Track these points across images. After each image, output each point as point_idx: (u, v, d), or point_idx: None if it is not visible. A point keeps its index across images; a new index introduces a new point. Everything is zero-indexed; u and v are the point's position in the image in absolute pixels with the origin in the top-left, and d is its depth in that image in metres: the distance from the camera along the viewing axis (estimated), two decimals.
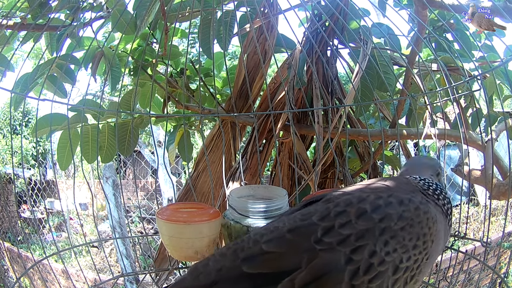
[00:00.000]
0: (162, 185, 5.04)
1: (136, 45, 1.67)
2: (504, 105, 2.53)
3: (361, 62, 1.34)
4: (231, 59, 5.03)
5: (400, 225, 0.58)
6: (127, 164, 7.63)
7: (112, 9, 1.37)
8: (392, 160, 1.86)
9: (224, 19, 1.41)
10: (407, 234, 0.58)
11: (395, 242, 0.57)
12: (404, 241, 0.58)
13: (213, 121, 1.97)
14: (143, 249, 4.16)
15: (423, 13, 1.40)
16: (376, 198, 0.61)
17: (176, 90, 1.76)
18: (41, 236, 6.25)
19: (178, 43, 3.08)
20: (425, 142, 4.30)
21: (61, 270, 4.02)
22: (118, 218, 4.29)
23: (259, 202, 0.89)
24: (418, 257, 0.59)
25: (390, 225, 0.57)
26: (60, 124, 1.43)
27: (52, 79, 1.39)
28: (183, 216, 0.91)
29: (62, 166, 1.50)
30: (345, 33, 1.45)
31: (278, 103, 1.51)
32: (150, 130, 2.76)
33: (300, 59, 1.42)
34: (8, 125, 8.18)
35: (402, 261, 0.57)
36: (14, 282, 0.97)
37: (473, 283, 3.38)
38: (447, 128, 1.59)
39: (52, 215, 7.35)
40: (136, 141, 1.56)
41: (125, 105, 1.51)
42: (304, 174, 1.35)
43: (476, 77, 1.10)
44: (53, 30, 1.41)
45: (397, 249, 0.57)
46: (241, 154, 1.49)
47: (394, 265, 0.56)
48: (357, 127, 1.58)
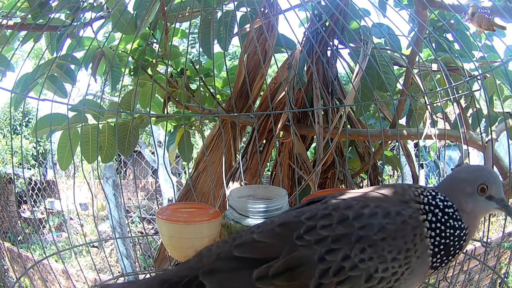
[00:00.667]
0: (163, 185, 5.04)
1: (136, 45, 1.67)
2: (504, 105, 2.53)
3: (361, 62, 1.34)
4: (231, 59, 5.03)
5: (381, 235, 0.59)
6: (127, 164, 7.63)
7: (112, 9, 1.37)
8: (392, 161, 1.86)
9: (224, 19, 1.41)
10: (387, 246, 0.59)
11: (373, 251, 0.58)
12: (383, 252, 0.59)
13: (213, 121, 1.97)
14: (143, 249, 4.16)
15: (423, 13, 1.39)
16: (362, 207, 0.62)
17: (176, 90, 1.76)
18: (41, 236, 6.24)
19: (178, 43, 3.08)
20: (425, 143, 4.29)
21: (61, 270, 4.02)
22: (118, 218, 4.29)
23: (259, 202, 0.89)
24: (397, 270, 0.59)
25: (369, 234, 0.59)
26: (60, 124, 1.43)
27: (52, 79, 1.39)
28: (183, 216, 0.91)
29: (62, 166, 1.50)
30: (345, 33, 1.45)
31: (278, 103, 1.51)
32: (150, 130, 2.76)
33: (300, 59, 1.41)
34: (8, 125, 8.18)
35: (378, 271, 0.58)
36: (14, 282, 0.97)
37: (473, 283, 3.38)
38: (447, 128, 1.59)
39: (52, 215, 7.35)
40: (136, 141, 1.56)
41: (125, 105, 1.51)
42: (304, 174, 1.35)
43: (476, 77, 1.10)
44: (53, 30, 1.41)
45: (374, 258, 0.58)
46: (241, 154, 1.49)
47: (368, 273, 0.58)
48: (357, 127, 1.58)
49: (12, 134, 2.16)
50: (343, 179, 1.46)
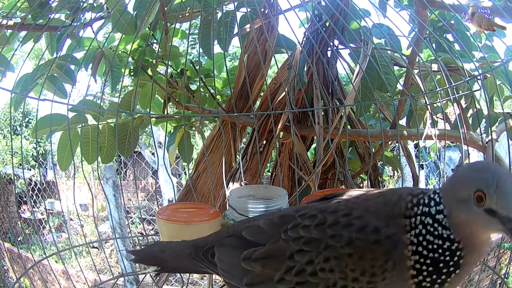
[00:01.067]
0: (163, 186, 5.04)
1: (136, 45, 1.67)
2: (505, 105, 2.52)
3: (361, 62, 1.34)
4: (231, 59, 5.03)
5: (348, 250, 0.56)
6: (127, 165, 7.63)
7: (112, 9, 1.37)
8: (393, 161, 1.86)
9: (224, 20, 1.41)
10: (351, 263, 0.55)
11: (336, 264, 0.56)
12: (345, 268, 0.55)
13: (213, 122, 1.97)
14: None
15: (424, 13, 1.39)
16: (344, 214, 0.59)
17: (176, 90, 1.76)
18: (41, 237, 6.24)
19: (178, 43, 3.08)
20: (425, 143, 4.29)
21: (61, 271, 4.02)
22: (119, 219, 4.28)
23: (259, 202, 0.89)
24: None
25: (336, 245, 0.56)
26: (60, 125, 1.43)
27: (52, 79, 1.39)
28: (183, 216, 0.91)
29: (62, 167, 1.50)
30: (345, 33, 1.45)
31: (278, 104, 1.50)
32: (150, 131, 2.76)
33: (301, 60, 1.41)
34: (8, 125, 8.18)
35: (336, 285, 0.56)
36: (14, 282, 0.97)
37: (473, 283, 3.37)
38: (448, 128, 1.59)
39: (53, 216, 7.35)
40: (136, 141, 1.56)
41: (125, 106, 1.51)
42: (304, 175, 1.35)
43: (476, 77, 1.10)
44: (53, 30, 1.41)
45: (335, 271, 0.56)
46: (241, 155, 1.49)
47: (326, 284, 0.57)
48: (357, 127, 1.58)
49: (12, 134, 2.17)
50: (344, 180, 1.46)
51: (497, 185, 0.48)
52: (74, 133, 1.46)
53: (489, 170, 0.51)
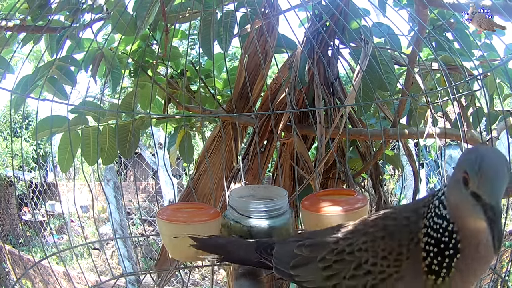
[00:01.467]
0: (163, 187, 5.04)
1: (136, 46, 1.67)
2: (504, 104, 2.52)
3: (362, 62, 1.34)
4: (232, 60, 5.03)
5: (381, 234, 0.61)
6: (128, 166, 7.62)
7: (112, 10, 1.37)
8: (393, 160, 1.86)
9: (224, 20, 1.41)
10: (383, 244, 0.60)
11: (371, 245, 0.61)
12: (378, 248, 0.60)
13: (213, 123, 1.97)
14: (144, 251, 4.16)
15: (424, 12, 1.39)
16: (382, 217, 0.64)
17: (176, 91, 1.76)
18: (42, 239, 6.24)
19: (178, 44, 3.08)
20: (426, 142, 4.29)
21: (62, 272, 4.02)
22: (119, 220, 4.28)
23: (260, 202, 0.89)
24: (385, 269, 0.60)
25: (373, 231, 0.63)
26: (61, 126, 1.43)
27: (52, 81, 1.39)
28: (183, 216, 0.91)
29: (63, 169, 1.50)
30: (345, 33, 1.45)
31: (279, 104, 1.50)
32: (150, 132, 2.76)
33: (301, 60, 1.41)
34: (8, 127, 8.18)
35: (367, 262, 0.60)
36: (14, 282, 0.97)
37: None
38: (448, 127, 1.59)
39: (53, 218, 7.35)
40: (137, 143, 1.56)
41: (125, 107, 1.51)
42: (305, 174, 1.35)
43: (476, 76, 1.10)
44: (53, 31, 1.41)
45: (368, 251, 0.61)
46: (242, 155, 1.49)
47: (359, 261, 0.61)
48: (358, 127, 1.57)
49: (12, 136, 2.17)
50: (345, 179, 1.46)
51: (479, 167, 0.46)
52: (75, 134, 1.46)
53: (476, 151, 0.49)
